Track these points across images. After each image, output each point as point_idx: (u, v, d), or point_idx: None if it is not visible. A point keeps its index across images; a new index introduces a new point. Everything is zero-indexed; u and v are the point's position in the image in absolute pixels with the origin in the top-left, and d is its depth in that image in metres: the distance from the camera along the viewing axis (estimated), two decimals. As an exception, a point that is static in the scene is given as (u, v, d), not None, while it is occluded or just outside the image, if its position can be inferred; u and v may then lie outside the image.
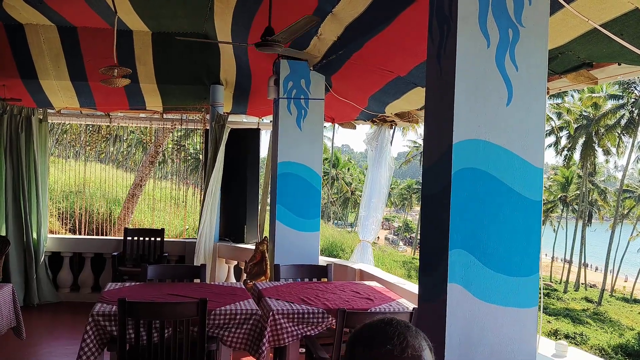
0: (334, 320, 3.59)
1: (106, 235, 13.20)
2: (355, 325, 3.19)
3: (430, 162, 2.59)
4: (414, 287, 4.65)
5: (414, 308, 3.30)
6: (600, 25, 2.82)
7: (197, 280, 4.61)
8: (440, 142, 2.49)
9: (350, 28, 4.30)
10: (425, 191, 2.63)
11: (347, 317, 3.15)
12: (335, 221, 51.24)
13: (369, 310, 3.64)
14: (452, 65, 2.43)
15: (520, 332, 2.48)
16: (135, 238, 6.96)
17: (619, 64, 3.22)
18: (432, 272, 2.54)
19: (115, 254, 6.62)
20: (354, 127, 6.53)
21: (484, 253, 2.45)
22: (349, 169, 51.88)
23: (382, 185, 5.88)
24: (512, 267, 2.48)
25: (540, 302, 2.55)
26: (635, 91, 35.37)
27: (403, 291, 4.57)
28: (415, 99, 4.95)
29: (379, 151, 5.87)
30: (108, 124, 7.84)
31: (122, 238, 6.98)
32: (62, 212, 14.21)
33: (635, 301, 38.06)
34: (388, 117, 5.77)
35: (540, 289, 2.55)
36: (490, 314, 2.45)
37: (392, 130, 5.97)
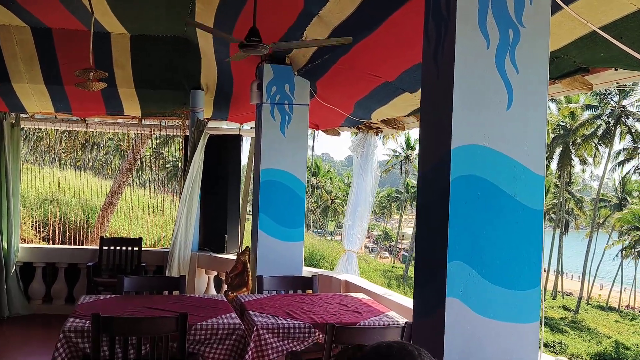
0: (320, 335, 3.43)
1: (82, 244, 12.87)
2: (345, 340, 3.04)
3: (427, 169, 2.45)
4: (401, 299, 4.51)
5: (406, 322, 3.16)
6: (599, 28, 2.73)
7: (176, 292, 4.42)
8: (438, 147, 2.36)
9: (337, 31, 4.17)
10: (422, 200, 2.49)
11: (337, 332, 2.99)
12: (315, 230, 51.11)
13: (358, 325, 3.49)
14: (450, 67, 2.30)
15: (521, 348, 2.35)
16: (112, 247, 6.72)
17: (616, 69, 3.14)
18: (429, 285, 2.40)
19: (91, 264, 6.38)
20: (339, 134, 6.41)
21: (484, 265, 2.31)
22: (330, 178, 51.85)
23: (368, 193, 5.74)
24: (512, 280, 2.35)
25: (541, 316, 2.43)
26: (612, 102, 35.94)
27: (391, 303, 4.42)
28: (402, 105, 4.84)
29: (364, 158, 5.74)
30: (84, 129, 7.60)
31: (98, 247, 6.74)
32: (37, 220, 13.86)
33: (611, 309, 38.55)
34: (374, 123, 5.65)
35: (542, 302, 2.42)
36: (490, 329, 2.31)
37: (378, 137, 5.85)
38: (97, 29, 5.54)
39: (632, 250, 39.26)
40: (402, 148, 49.23)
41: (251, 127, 7.42)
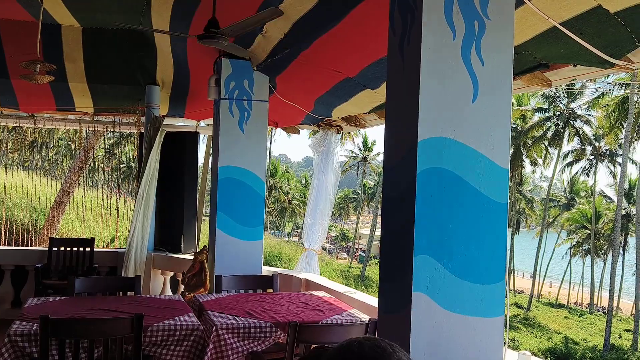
0: (282, 334, 3.35)
1: (30, 246, 12.36)
2: (308, 339, 2.97)
3: (393, 162, 2.41)
4: (364, 297, 4.47)
5: (370, 319, 3.11)
6: (560, 24, 2.74)
7: (131, 293, 4.25)
8: (404, 140, 2.31)
9: (298, 25, 4.09)
10: (387, 193, 2.44)
11: (299, 331, 2.92)
12: (272, 231, 50.88)
13: (320, 323, 3.42)
14: (416, 58, 2.27)
15: (487, 343, 2.33)
16: (62, 248, 6.45)
17: (575, 66, 3.18)
18: (395, 280, 2.35)
19: (39, 265, 6.10)
20: (298, 132, 6.33)
21: (450, 259, 2.29)
22: (288, 179, 51.69)
23: (329, 192, 5.69)
24: (478, 274, 2.33)
25: (506, 310, 2.41)
26: (560, 104, 37.07)
27: (352, 300, 4.37)
28: (363, 102, 4.80)
29: (325, 156, 5.68)
30: (32, 125, 7.27)
31: (47, 248, 6.45)
32: (-20, 222, 13.24)
33: (560, 306, 39.78)
34: (334, 121, 5.60)
35: (506, 296, 2.41)
36: (457, 324, 2.28)
37: (339, 135, 5.80)
38: (47, 21, 5.30)
39: (580, 248, 40.62)
40: (360, 149, 49.51)
41: (208, 125, 7.26)
